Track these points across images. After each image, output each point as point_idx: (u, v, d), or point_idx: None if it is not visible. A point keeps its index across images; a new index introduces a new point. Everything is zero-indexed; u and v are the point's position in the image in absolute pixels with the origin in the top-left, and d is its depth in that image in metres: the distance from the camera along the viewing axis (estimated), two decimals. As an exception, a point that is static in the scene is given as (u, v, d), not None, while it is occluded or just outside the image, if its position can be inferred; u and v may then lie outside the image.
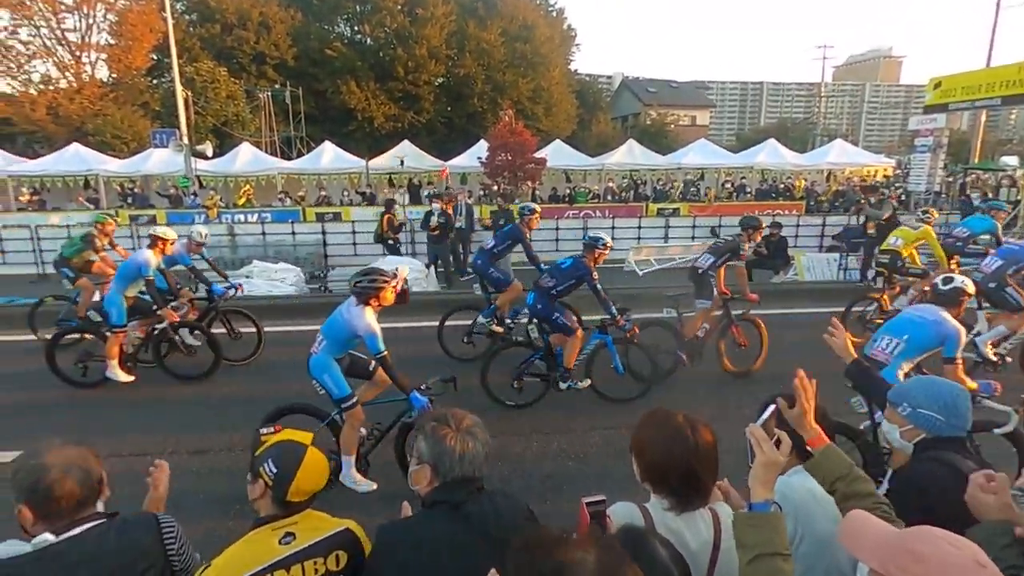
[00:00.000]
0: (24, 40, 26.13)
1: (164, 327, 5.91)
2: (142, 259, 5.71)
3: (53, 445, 1.45)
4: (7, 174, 20.04)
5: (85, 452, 1.48)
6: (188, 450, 4.56)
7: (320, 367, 3.88)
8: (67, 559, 1.36)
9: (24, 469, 1.40)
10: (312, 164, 21.81)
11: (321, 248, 12.30)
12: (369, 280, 3.83)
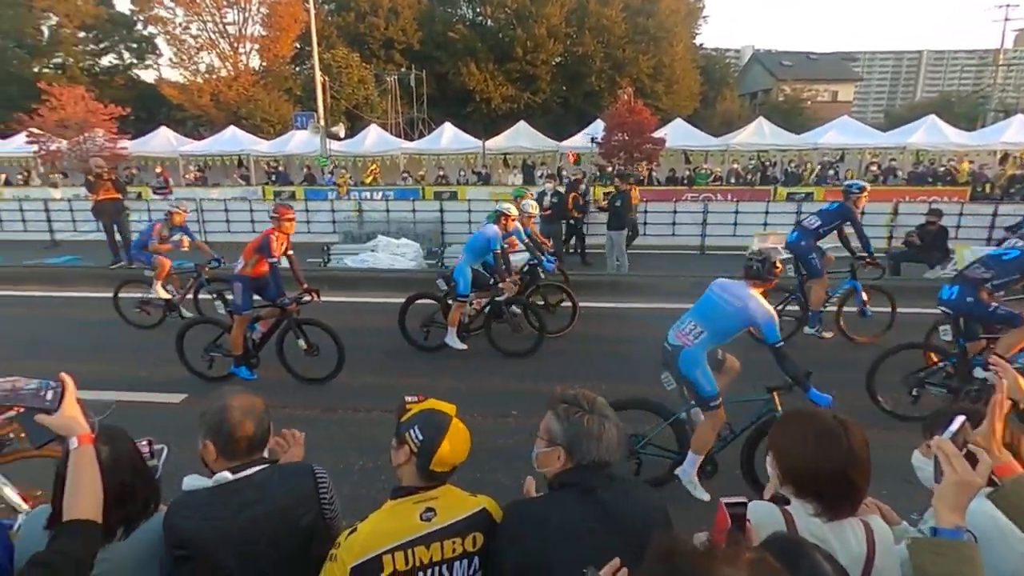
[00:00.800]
0: (194, 35, 29.65)
1: (499, 300, 5.96)
2: (491, 233, 5.89)
3: (236, 393, 1.61)
4: (179, 153, 22.96)
5: (261, 402, 1.63)
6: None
7: (693, 361, 3.38)
8: (242, 496, 1.51)
9: (212, 411, 1.57)
10: (432, 145, 22.67)
11: (439, 225, 12.78)
12: (760, 260, 3.51)
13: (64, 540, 1.26)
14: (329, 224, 13.44)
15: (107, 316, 7.16)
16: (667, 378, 3.62)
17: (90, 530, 1.30)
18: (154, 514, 1.54)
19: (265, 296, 5.51)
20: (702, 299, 3.55)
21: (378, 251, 9.82)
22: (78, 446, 1.35)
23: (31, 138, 20.22)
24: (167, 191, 18.22)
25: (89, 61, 34.18)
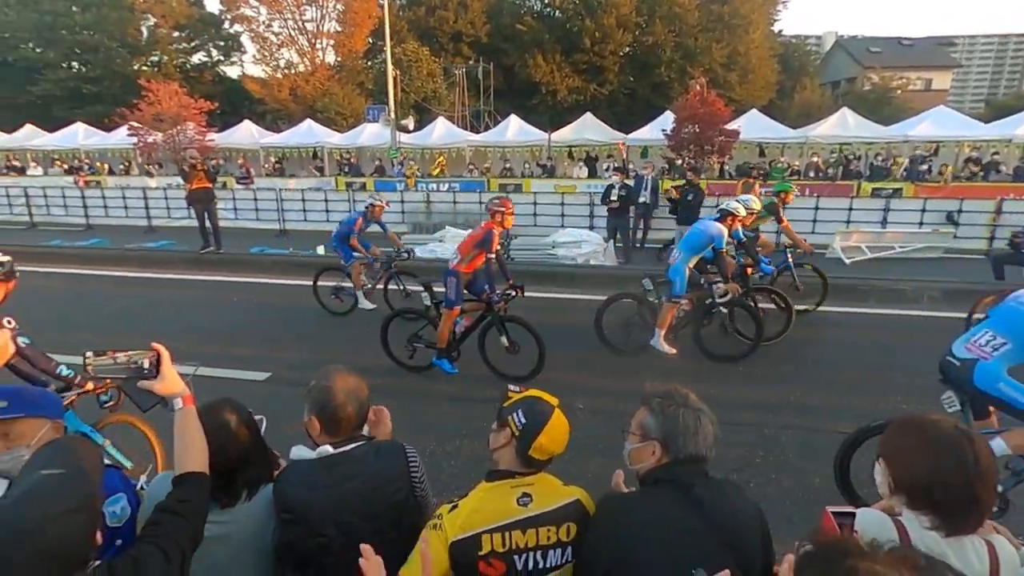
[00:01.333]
0: (275, 32, 31.16)
1: (720, 301, 5.60)
2: (715, 231, 5.58)
3: (340, 371, 1.71)
4: (259, 145, 24.23)
5: (363, 383, 1.72)
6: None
7: (993, 376, 2.97)
8: (342, 469, 1.61)
9: (318, 389, 1.67)
10: (498, 137, 22.80)
11: (504, 218, 12.88)
12: None
13: (183, 490, 1.41)
14: (398, 215, 13.81)
15: (198, 295, 7.70)
16: (949, 398, 3.23)
17: (203, 481, 1.45)
18: (270, 480, 1.66)
19: (472, 290, 5.39)
20: (1000, 309, 3.17)
21: (445, 241, 10.03)
22: (182, 407, 1.49)
23: (131, 131, 21.93)
24: (249, 181, 19.27)
25: (181, 59, 36.60)
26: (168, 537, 1.30)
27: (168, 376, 1.49)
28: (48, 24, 31.94)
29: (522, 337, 5.17)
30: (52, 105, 31.74)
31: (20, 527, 1.05)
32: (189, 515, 1.36)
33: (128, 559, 1.24)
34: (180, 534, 1.32)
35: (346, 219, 7.61)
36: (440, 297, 5.40)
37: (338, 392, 1.65)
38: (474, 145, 22.89)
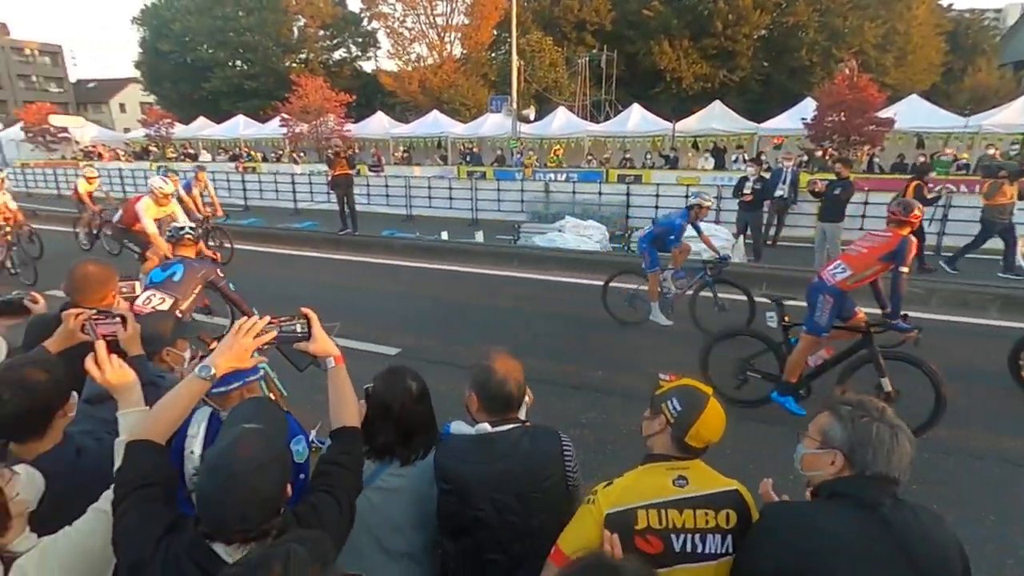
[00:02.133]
0: (408, 27, 32.86)
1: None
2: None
3: (501, 353, 1.78)
4: (390, 135, 25.77)
5: (520, 365, 1.78)
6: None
7: None
8: (498, 448, 1.67)
9: (480, 367, 1.76)
10: (619, 127, 22.32)
11: (624, 209, 12.61)
12: None
13: (343, 443, 1.54)
14: (517, 204, 14.06)
15: (337, 272, 8.34)
16: None
17: (357, 434, 1.59)
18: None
19: (842, 314, 4.21)
20: None
21: (565, 232, 10.03)
22: (335, 366, 1.62)
23: (282, 122, 24.31)
24: (380, 169, 20.57)
25: (325, 55, 39.88)
26: (338, 486, 1.44)
27: (320, 338, 1.62)
28: (219, 28, 36.25)
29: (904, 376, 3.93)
30: (220, 100, 36.05)
31: (231, 472, 1.20)
32: (352, 466, 1.50)
33: (309, 506, 1.39)
34: (347, 483, 1.46)
35: (665, 220, 6.34)
36: (795, 318, 4.38)
37: (498, 370, 1.72)
38: (593, 135, 22.60)
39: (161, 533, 1.26)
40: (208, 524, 1.22)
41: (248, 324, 1.50)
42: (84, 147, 28.55)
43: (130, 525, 1.27)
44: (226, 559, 1.22)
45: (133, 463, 1.35)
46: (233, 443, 1.24)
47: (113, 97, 57.34)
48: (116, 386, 1.51)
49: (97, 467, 1.50)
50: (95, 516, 1.39)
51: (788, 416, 4.21)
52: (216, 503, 1.19)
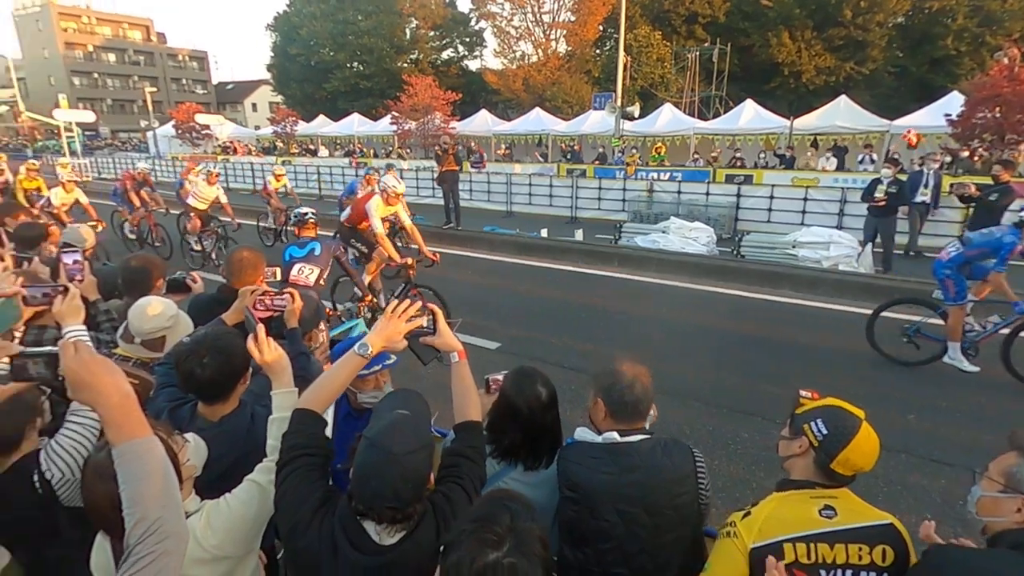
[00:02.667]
0: (515, 25, 33.27)
1: None
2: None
3: (627, 360, 1.73)
4: (492, 132, 26.27)
5: (647, 372, 1.72)
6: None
7: None
8: (627, 459, 1.62)
9: (606, 373, 1.71)
10: (728, 124, 21.21)
11: (733, 211, 11.96)
12: None
13: (468, 436, 1.56)
14: (619, 203, 13.78)
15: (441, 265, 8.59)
16: None
17: (479, 428, 1.60)
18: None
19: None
20: None
21: (669, 233, 9.68)
22: (458, 360, 1.64)
23: (393, 120, 25.57)
24: (482, 165, 21.04)
25: (434, 55, 41.39)
26: (467, 478, 1.47)
27: (444, 333, 1.66)
28: (340, 31, 38.76)
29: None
30: (337, 99, 38.57)
31: (390, 454, 1.26)
32: (477, 458, 1.52)
33: (442, 496, 1.42)
34: (474, 475, 1.49)
35: (986, 237, 4.91)
36: None
37: (625, 374, 1.67)
38: (701, 133, 21.65)
39: (317, 504, 1.35)
40: (361, 500, 1.29)
41: (402, 308, 1.58)
42: (222, 143, 31.70)
43: (291, 489, 1.38)
44: (374, 537, 1.29)
45: (298, 431, 1.46)
46: (391, 426, 1.30)
47: (247, 97, 63.33)
48: (271, 366, 1.64)
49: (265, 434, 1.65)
50: (249, 487, 1.52)
51: (929, 446, 3.82)
52: (376, 478, 1.27)
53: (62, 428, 1.85)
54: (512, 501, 1.13)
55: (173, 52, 67.52)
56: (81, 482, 1.43)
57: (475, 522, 1.07)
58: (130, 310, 2.33)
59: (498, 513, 1.07)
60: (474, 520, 1.08)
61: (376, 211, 6.02)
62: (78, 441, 1.83)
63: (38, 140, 45.32)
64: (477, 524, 1.06)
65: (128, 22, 64.70)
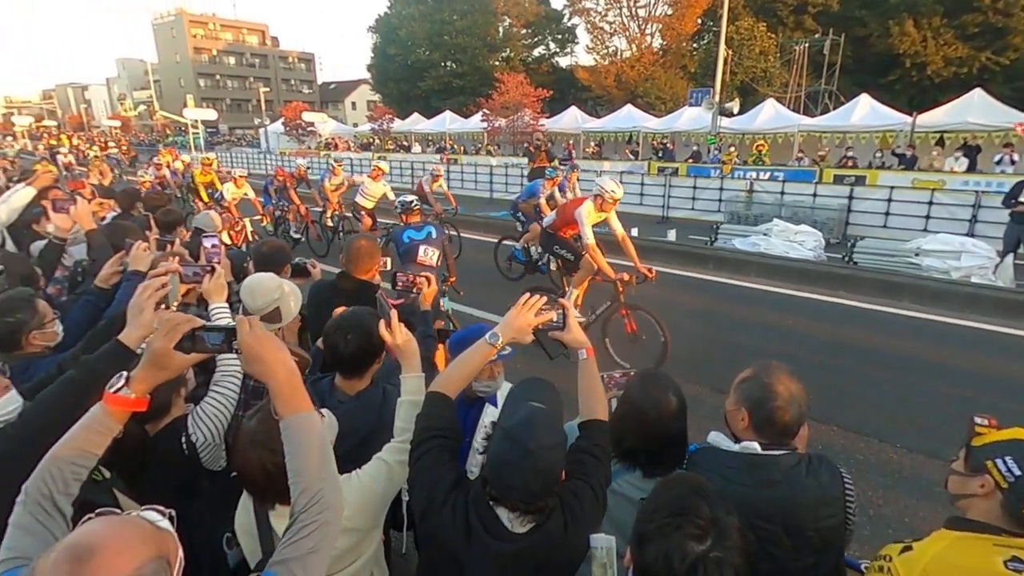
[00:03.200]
0: (610, 21, 32.74)
1: None
2: None
3: (783, 371, 1.59)
4: (581, 130, 26.03)
5: (804, 390, 1.57)
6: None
7: None
8: (766, 473, 1.51)
9: (756, 383, 1.58)
10: (840, 120, 19.67)
11: (843, 214, 11.09)
12: None
13: (594, 434, 1.53)
14: (715, 203, 13.20)
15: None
16: None
17: (606, 427, 1.55)
18: None
19: None
20: None
21: (772, 236, 9.13)
22: (586, 358, 1.60)
23: (484, 117, 26.00)
24: (571, 162, 20.92)
25: (525, 53, 41.64)
26: (593, 476, 1.43)
27: (574, 328, 1.63)
28: (437, 32, 39.96)
29: None
30: (431, 97, 39.81)
31: (527, 448, 1.26)
32: (603, 458, 1.49)
33: (570, 493, 1.40)
34: (600, 474, 1.45)
35: None
36: None
37: (781, 393, 1.54)
38: (807, 130, 20.26)
39: (450, 486, 1.38)
40: (496, 488, 1.31)
41: (532, 301, 1.58)
42: (325, 139, 33.68)
43: (425, 470, 1.42)
44: (507, 524, 1.30)
45: (430, 413, 1.51)
46: (528, 420, 1.30)
47: (347, 96, 66.94)
48: (403, 349, 1.70)
49: (393, 411, 1.71)
50: (379, 464, 1.58)
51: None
52: (511, 470, 1.27)
53: (206, 397, 2.01)
54: (705, 490, 1.12)
55: (284, 54, 72.62)
56: (234, 448, 1.54)
57: (674, 515, 1.06)
58: (241, 292, 2.48)
59: (697, 504, 1.07)
60: (672, 512, 1.07)
61: (587, 218, 5.26)
62: (219, 410, 1.98)
63: (168, 136, 50.42)
64: (677, 516, 1.05)
65: (247, 27, 70.38)
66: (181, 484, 1.99)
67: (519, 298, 1.63)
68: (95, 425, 1.15)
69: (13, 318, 2.01)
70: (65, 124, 68.12)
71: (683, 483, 1.19)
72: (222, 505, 1.88)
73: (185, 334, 1.20)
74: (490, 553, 1.30)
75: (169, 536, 0.91)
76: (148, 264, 2.36)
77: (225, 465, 2.05)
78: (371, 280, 3.06)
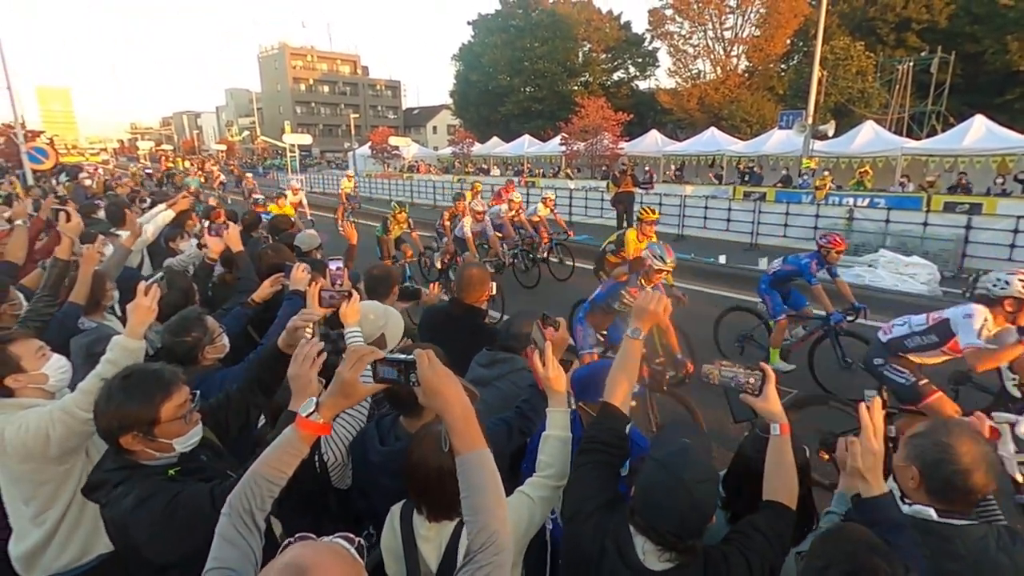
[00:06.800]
0: (693, 44, 32.25)
1: None
2: None
3: (964, 430, 1.44)
4: (662, 153, 25.62)
5: (990, 456, 1.42)
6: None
7: None
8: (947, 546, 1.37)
9: (934, 442, 1.43)
10: (951, 143, 18.20)
11: (960, 245, 10.16)
12: None
13: (771, 516, 1.43)
14: (808, 230, 12.50)
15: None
16: None
17: (788, 514, 1.43)
18: None
19: None
20: None
21: (878, 267, 8.50)
22: (779, 434, 1.48)
23: (563, 141, 26.19)
24: (650, 186, 20.60)
25: (604, 77, 41.75)
26: (755, 553, 1.34)
27: (771, 398, 1.52)
28: (518, 58, 40.94)
29: None
30: (510, 121, 40.67)
31: (680, 478, 1.25)
32: (775, 543, 1.38)
33: (720, 555, 1.33)
34: (763, 555, 1.35)
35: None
36: None
37: (962, 457, 1.38)
38: (911, 153, 18.91)
39: (603, 503, 1.40)
40: (645, 518, 1.29)
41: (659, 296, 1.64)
42: (408, 162, 35.17)
43: (581, 480, 1.47)
44: (640, 556, 1.29)
45: (601, 425, 1.54)
46: (682, 452, 1.29)
47: (429, 121, 69.73)
48: (552, 385, 1.69)
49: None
50: (520, 499, 1.56)
51: None
52: (663, 502, 1.26)
53: (337, 418, 2.09)
54: (878, 545, 1.08)
55: (373, 82, 76.96)
56: (413, 447, 1.53)
57: (853, 572, 1.02)
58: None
59: (873, 561, 1.03)
60: (850, 570, 1.03)
61: None
62: (348, 430, 2.04)
63: (266, 159, 54.51)
64: (857, 574, 1.01)
65: (341, 59, 75.29)
66: (316, 503, 2.07)
67: (643, 292, 1.70)
68: (288, 447, 1.23)
69: (191, 337, 2.20)
70: (180, 148, 75.45)
71: (854, 536, 1.12)
72: (349, 523, 1.94)
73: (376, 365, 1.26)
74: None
75: (360, 565, 0.95)
76: (306, 284, 2.51)
77: (351, 484, 2.12)
78: (480, 306, 3.10)
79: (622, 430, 1.52)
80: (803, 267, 5.46)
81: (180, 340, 2.19)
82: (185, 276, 3.26)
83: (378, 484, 1.81)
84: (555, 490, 1.59)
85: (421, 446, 1.45)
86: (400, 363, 1.21)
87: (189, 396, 1.63)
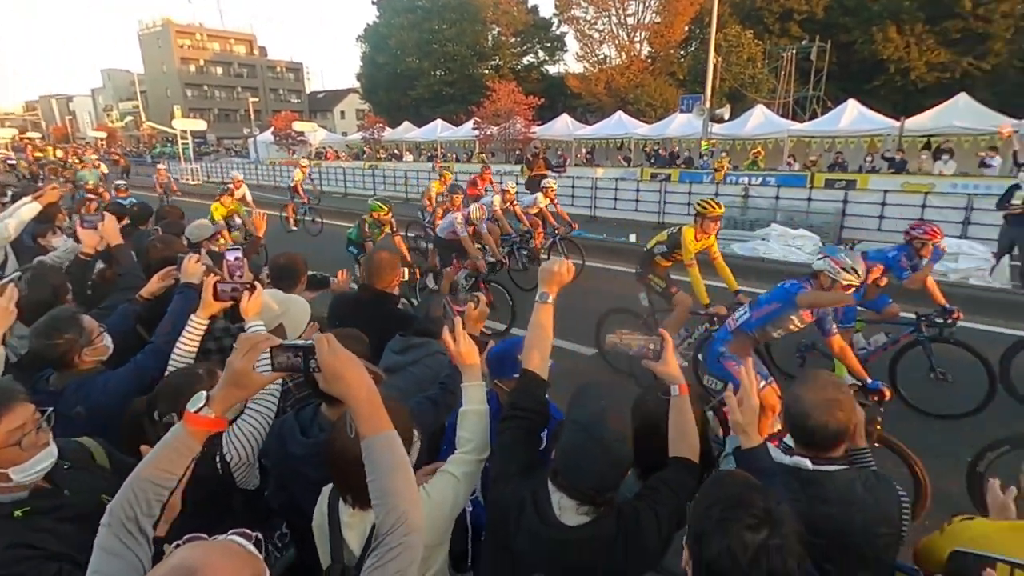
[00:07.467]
0: (599, 29, 33.02)
1: None
2: None
3: (818, 378, 1.59)
4: (573, 137, 26.17)
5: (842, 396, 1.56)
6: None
7: None
8: (817, 489, 1.52)
9: (790, 394, 1.59)
10: (829, 125, 19.96)
11: (838, 218, 11.20)
12: None
13: (677, 471, 1.51)
14: (710, 208, 13.28)
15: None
16: None
17: (693, 468, 1.52)
18: None
19: None
20: None
21: (770, 240, 9.21)
22: (679, 394, 1.57)
23: (475, 125, 26.04)
24: (563, 169, 20.98)
25: (514, 61, 41.85)
26: (661, 505, 1.41)
27: (671, 362, 1.60)
28: (427, 40, 40.06)
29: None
30: (421, 106, 39.84)
31: (600, 439, 1.32)
32: (681, 496, 1.45)
33: (630, 507, 1.39)
34: (670, 508, 1.42)
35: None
36: None
37: (803, 402, 1.55)
38: (797, 135, 20.53)
39: (523, 466, 1.45)
40: (568, 478, 1.34)
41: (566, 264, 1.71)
42: (315, 148, 33.58)
43: (505, 445, 1.51)
44: (556, 513, 1.34)
45: (525, 390, 1.57)
46: (603, 412, 1.33)
47: (336, 105, 66.77)
48: (464, 358, 1.67)
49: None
50: (446, 478, 1.54)
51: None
52: (583, 463, 1.31)
53: (241, 415, 1.97)
54: (755, 483, 1.16)
55: (272, 64, 72.38)
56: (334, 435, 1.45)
57: (731, 507, 1.08)
58: None
59: (750, 497, 1.10)
60: (728, 506, 1.09)
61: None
62: (255, 429, 1.93)
63: (156, 147, 49.98)
64: (734, 510, 1.08)
65: (234, 38, 70.11)
66: (218, 505, 1.94)
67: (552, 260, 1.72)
68: (177, 445, 1.13)
69: (63, 339, 1.96)
70: (50, 136, 67.36)
71: (733, 479, 1.22)
72: (255, 524, 1.84)
73: (272, 352, 1.19)
74: (535, 536, 1.35)
75: (258, 560, 0.90)
76: (200, 277, 2.34)
77: (259, 484, 2.01)
78: (391, 291, 3.03)
79: (542, 396, 1.57)
80: (891, 261, 4.84)
81: (50, 343, 1.95)
82: (57, 272, 2.92)
83: (300, 476, 1.74)
84: (478, 464, 1.59)
85: (342, 435, 1.39)
86: (299, 349, 1.14)
87: (35, 415, 1.39)
